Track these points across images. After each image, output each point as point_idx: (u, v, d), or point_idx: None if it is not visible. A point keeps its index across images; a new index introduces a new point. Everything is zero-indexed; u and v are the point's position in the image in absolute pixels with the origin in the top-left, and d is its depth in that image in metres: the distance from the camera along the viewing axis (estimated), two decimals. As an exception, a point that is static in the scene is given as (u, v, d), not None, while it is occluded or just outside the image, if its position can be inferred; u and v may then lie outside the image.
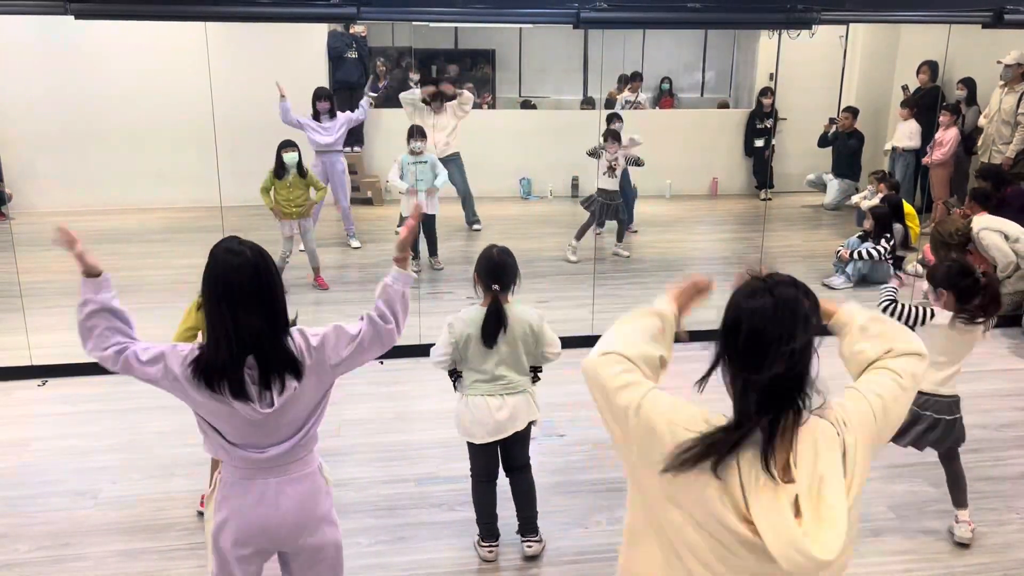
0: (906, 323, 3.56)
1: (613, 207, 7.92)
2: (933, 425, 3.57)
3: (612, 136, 7.89)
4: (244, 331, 2.24)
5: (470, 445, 3.49)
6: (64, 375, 5.30)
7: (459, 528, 3.79)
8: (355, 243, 8.37)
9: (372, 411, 4.94)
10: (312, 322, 6.48)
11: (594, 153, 7.86)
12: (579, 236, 7.98)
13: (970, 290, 3.47)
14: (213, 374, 2.25)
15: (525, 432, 3.48)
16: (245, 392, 2.26)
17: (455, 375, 3.50)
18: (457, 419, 3.48)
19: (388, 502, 4.00)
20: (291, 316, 2.41)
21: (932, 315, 3.56)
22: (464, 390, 3.46)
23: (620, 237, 8.20)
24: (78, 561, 3.57)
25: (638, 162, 8.05)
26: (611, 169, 7.82)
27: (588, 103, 11.81)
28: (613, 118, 8.60)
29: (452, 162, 8.53)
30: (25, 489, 4.10)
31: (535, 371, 3.53)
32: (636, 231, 9.03)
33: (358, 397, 5.09)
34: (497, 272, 3.33)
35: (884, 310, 3.65)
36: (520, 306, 3.41)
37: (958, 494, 3.71)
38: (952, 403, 3.60)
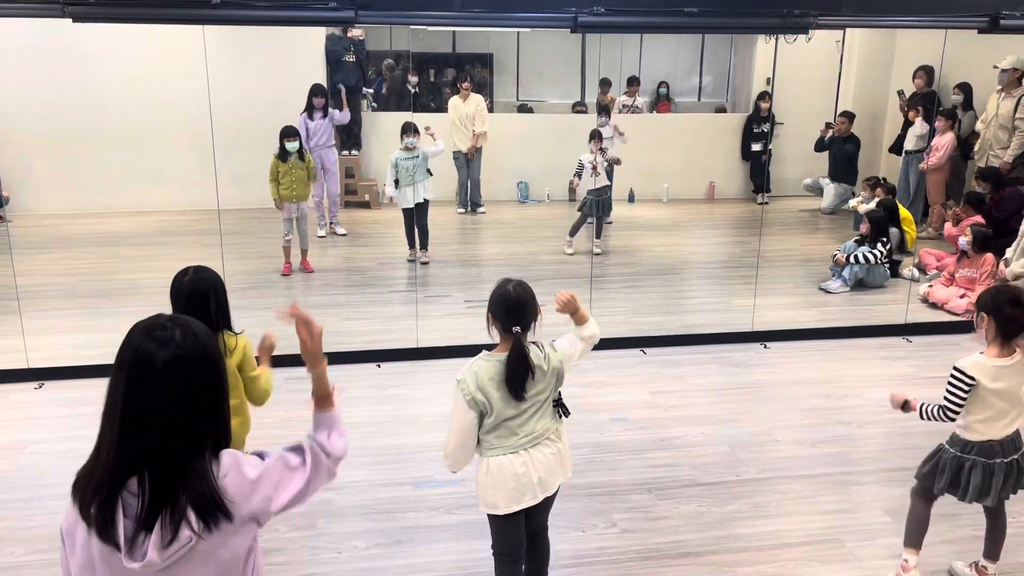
0: (954, 409, 3.23)
1: (602, 202, 8.22)
2: (1008, 471, 3.28)
3: (596, 136, 8.15)
4: (134, 444, 1.60)
5: (492, 517, 2.97)
6: (61, 378, 5.29)
7: (456, 531, 3.79)
8: (340, 230, 8.96)
9: (369, 414, 4.93)
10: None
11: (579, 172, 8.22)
12: (573, 232, 8.32)
13: (1014, 321, 3.13)
14: (84, 492, 1.62)
15: (553, 494, 3.02)
16: (109, 529, 1.59)
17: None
18: (479, 489, 2.95)
19: (385, 505, 3.99)
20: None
21: (969, 385, 3.20)
22: (483, 451, 2.92)
23: (598, 234, 8.39)
24: (74, 564, 3.56)
25: (616, 162, 8.42)
26: (594, 169, 8.04)
27: (580, 106, 11.87)
28: (602, 111, 9.04)
29: (478, 152, 9.88)
30: (21, 492, 4.09)
31: (558, 405, 3.00)
32: (611, 222, 9.34)
33: (355, 400, 5.09)
34: (517, 312, 2.86)
35: (932, 415, 3.30)
36: (536, 347, 2.95)
37: (996, 545, 3.46)
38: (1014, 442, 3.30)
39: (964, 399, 3.21)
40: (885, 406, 3.55)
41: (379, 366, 5.61)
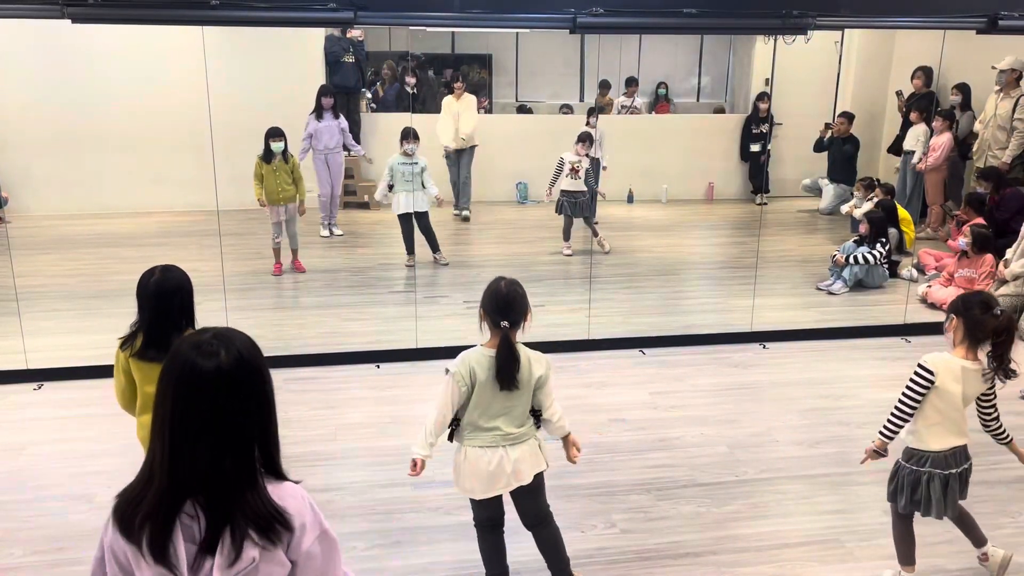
0: (910, 405, 3.24)
1: (579, 204, 8.20)
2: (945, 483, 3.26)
3: (587, 139, 8.14)
4: (185, 463, 1.58)
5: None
6: (60, 379, 5.29)
7: (456, 532, 3.79)
8: (338, 231, 8.96)
9: (368, 415, 4.93)
10: (306, 323, 6.42)
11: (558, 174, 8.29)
12: (566, 236, 8.32)
13: (981, 324, 3.14)
14: (133, 514, 1.59)
15: (535, 484, 3.17)
16: (166, 549, 1.57)
17: (452, 423, 3.13)
18: (455, 472, 3.15)
19: (385, 506, 3.99)
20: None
21: (929, 382, 3.20)
22: (462, 440, 3.11)
23: (595, 233, 8.39)
24: (73, 565, 3.56)
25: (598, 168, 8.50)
26: (574, 171, 8.07)
27: (566, 108, 11.89)
28: (592, 112, 9.06)
29: (468, 152, 9.79)
30: (20, 493, 4.09)
31: (535, 415, 3.16)
32: (597, 222, 9.29)
33: (354, 401, 5.09)
34: (506, 308, 3.00)
35: (890, 423, 3.30)
36: (528, 350, 3.08)
37: (975, 533, 3.47)
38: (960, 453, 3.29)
39: (921, 396, 3.22)
40: (884, 406, 3.55)
41: (378, 367, 5.61)
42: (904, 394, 3.25)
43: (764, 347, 6.05)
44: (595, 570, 3.56)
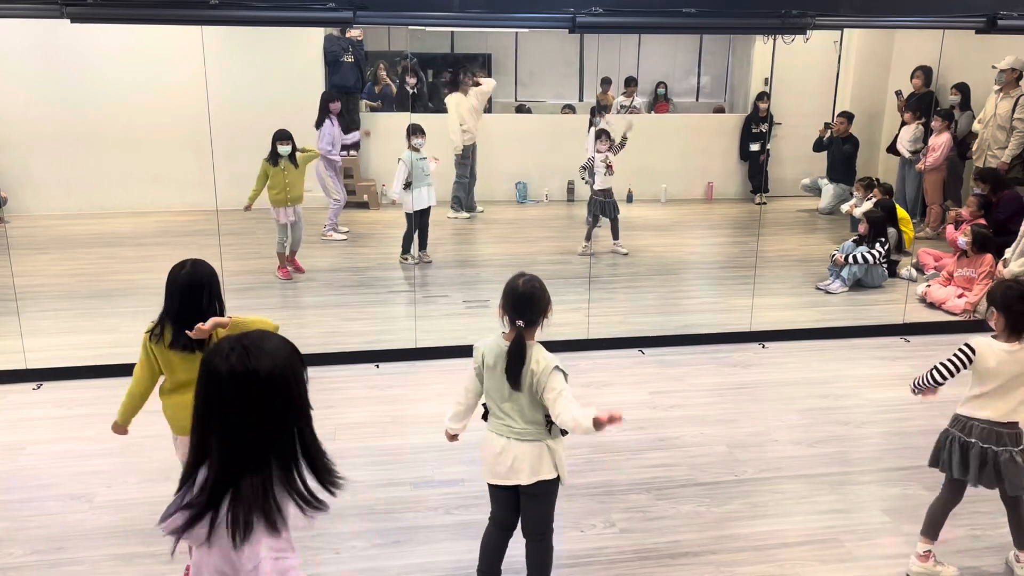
0: (943, 374, 3.41)
1: (609, 204, 8.24)
2: (984, 458, 3.36)
3: (604, 135, 8.11)
4: (236, 466, 1.78)
5: (488, 483, 3.20)
6: (59, 379, 5.29)
7: (455, 531, 3.79)
8: (344, 228, 8.96)
9: (368, 415, 4.93)
10: (306, 323, 6.42)
11: (588, 168, 8.23)
12: (588, 237, 8.30)
13: (1021, 316, 3.29)
14: (182, 511, 1.80)
15: (538, 490, 3.06)
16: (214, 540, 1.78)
17: (484, 406, 3.18)
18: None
19: (384, 505, 4.00)
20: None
21: (971, 356, 3.36)
22: (488, 422, 3.17)
23: (616, 234, 8.38)
24: (73, 565, 3.56)
25: (622, 143, 8.29)
26: (609, 168, 8.04)
27: (568, 108, 11.90)
28: (599, 110, 9.06)
29: (474, 148, 9.74)
30: (20, 493, 4.09)
31: (548, 420, 3.04)
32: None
33: (354, 401, 5.09)
34: (522, 306, 2.95)
35: (932, 379, 3.46)
36: (538, 351, 2.99)
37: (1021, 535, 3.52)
38: (1008, 434, 3.35)
39: (956, 370, 3.41)
40: (883, 405, 3.57)
41: (378, 366, 5.62)
42: (942, 362, 3.43)
43: (763, 347, 6.05)
44: (595, 569, 3.56)
